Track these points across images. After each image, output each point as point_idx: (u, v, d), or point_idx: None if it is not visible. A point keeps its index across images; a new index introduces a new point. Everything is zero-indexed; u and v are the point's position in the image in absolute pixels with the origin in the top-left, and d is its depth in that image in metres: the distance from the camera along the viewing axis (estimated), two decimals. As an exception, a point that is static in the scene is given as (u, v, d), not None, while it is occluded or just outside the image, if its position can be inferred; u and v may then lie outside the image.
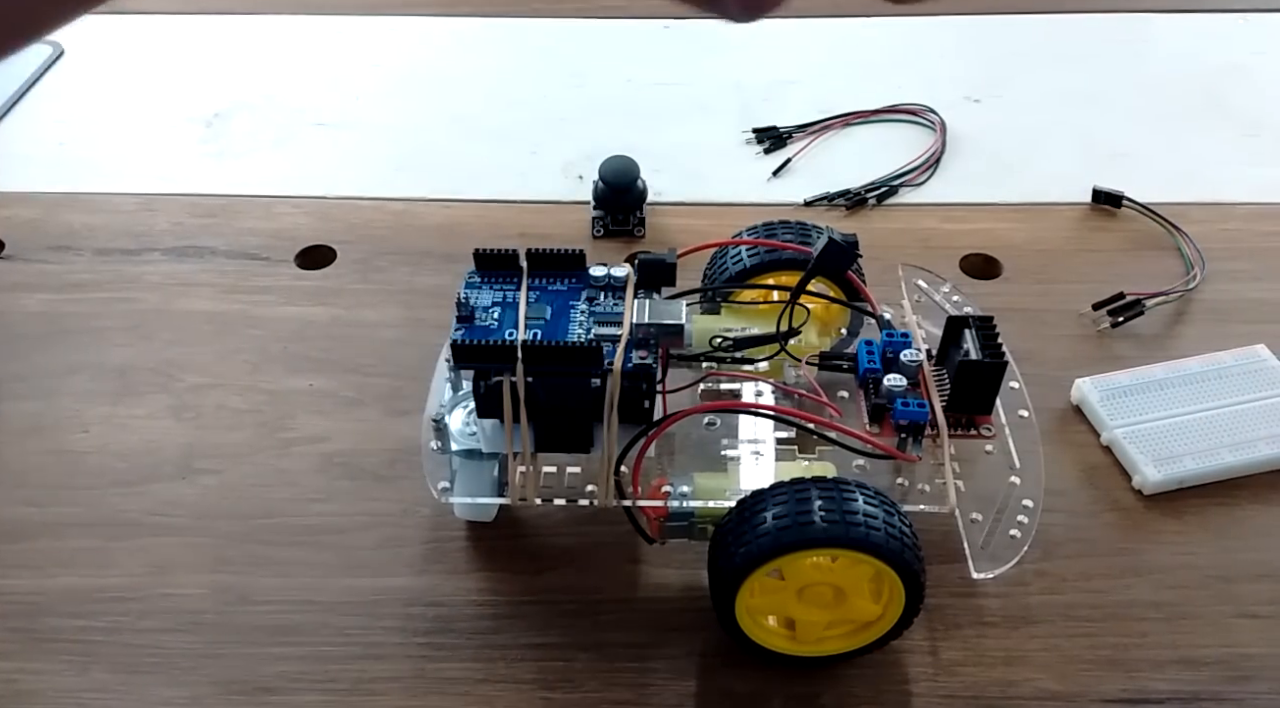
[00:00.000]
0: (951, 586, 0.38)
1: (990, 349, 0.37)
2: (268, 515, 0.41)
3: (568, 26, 0.71)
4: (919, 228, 0.54)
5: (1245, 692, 0.35)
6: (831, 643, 0.35)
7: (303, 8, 0.72)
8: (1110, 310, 0.49)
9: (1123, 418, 0.43)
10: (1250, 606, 0.38)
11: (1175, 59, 0.67)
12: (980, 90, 0.64)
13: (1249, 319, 0.49)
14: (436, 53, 0.69)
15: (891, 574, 0.33)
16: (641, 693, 0.36)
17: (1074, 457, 0.43)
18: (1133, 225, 0.55)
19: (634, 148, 0.55)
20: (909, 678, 0.36)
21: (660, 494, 0.36)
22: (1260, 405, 0.43)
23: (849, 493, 0.33)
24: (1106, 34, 0.69)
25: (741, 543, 0.33)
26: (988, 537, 0.37)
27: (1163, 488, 0.41)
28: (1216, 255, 0.52)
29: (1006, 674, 0.36)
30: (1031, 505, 0.37)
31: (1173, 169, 0.58)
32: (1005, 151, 0.60)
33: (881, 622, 0.34)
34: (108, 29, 0.70)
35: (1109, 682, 0.36)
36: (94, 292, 0.51)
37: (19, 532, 0.41)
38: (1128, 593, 0.38)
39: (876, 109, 0.62)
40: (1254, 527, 0.40)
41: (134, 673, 0.37)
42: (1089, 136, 0.60)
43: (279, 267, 0.53)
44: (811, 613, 0.34)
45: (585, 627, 0.37)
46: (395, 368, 0.47)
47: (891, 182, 0.57)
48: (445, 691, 0.36)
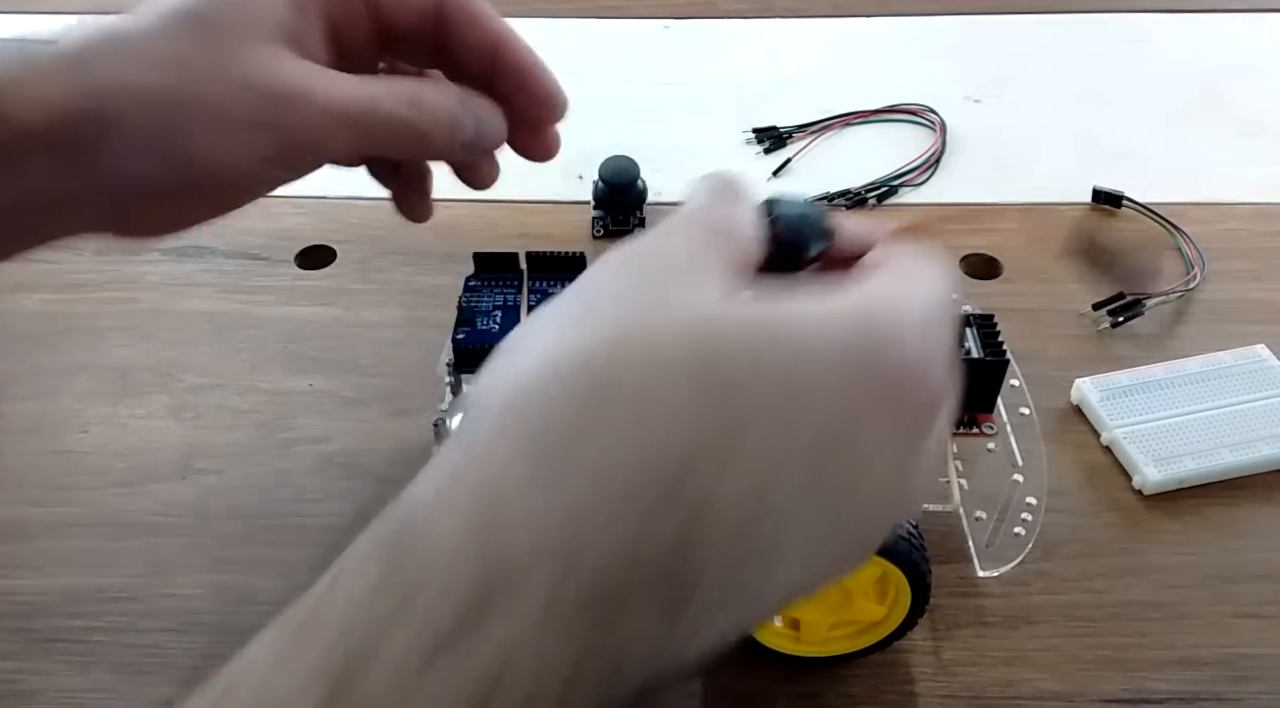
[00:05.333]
0: (952, 585, 0.38)
1: (991, 347, 0.37)
2: (268, 516, 0.41)
3: (568, 26, 0.71)
4: (919, 228, 0.54)
5: (1245, 692, 0.35)
6: (836, 644, 0.35)
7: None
8: (1110, 310, 0.49)
9: (1123, 418, 0.43)
10: (1250, 606, 0.38)
11: (1175, 59, 0.67)
12: (980, 90, 0.64)
13: (1249, 319, 0.49)
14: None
15: (899, 575, 0.33)
16: (641, 692, 0.35)
17: (1074, 457, 0.43)
18: (1133, 225, 0.55)
19: (634, 148, 0.55)
20: (909, 678, 0.36)
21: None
22: (1260, 405, 0.43)
23: None
24: (1107, 34, 0.69)
25: None
26: (992, 535, 0.37)
27: (1163, 488, 0.41)
28: (1216, 255, 0.52)
29: (1007, 674, 0.36)
30: (1035, 503, 0.37)
31: (1173, 169, 0.58)
32: (1005, 151, 0.60)
33: (886, 623, 0.34)
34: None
35: (1109, 682, 0.36)
36: (94, 292, 0.51)
37: (19, 532, 0.41)
38: (1128, 593, 0.38)
39: (876, 109, 0.62)
40: (1254, 527, 0.40)
41: (134, 673, 0.36)
42: (1089, 136, 0.60)
43: (279, 267, 0.53)
44: (817, 614, 0.34)
45: (586, 627, 0.37)
46: (395, 368, 0.47)
47: (892, 182, 0.57)
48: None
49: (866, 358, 0.20)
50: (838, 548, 0.22)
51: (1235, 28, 0.69)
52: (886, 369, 0.21)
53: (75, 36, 0.29)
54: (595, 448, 0.19)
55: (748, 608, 0.21)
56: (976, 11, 0.71)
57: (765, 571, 0.20)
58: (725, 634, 0.21)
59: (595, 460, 0.19)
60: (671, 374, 0.19)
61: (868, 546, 0.23)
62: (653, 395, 0.19)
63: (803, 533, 0.20)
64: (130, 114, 0.28)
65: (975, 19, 0.71)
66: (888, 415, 0.21)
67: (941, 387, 0.22)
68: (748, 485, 0.19)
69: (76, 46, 0.29)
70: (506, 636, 0.18)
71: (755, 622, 0.26)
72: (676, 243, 0.23)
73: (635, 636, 0.19)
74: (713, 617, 0.20)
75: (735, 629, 0.21)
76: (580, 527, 0.18)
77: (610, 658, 0.19)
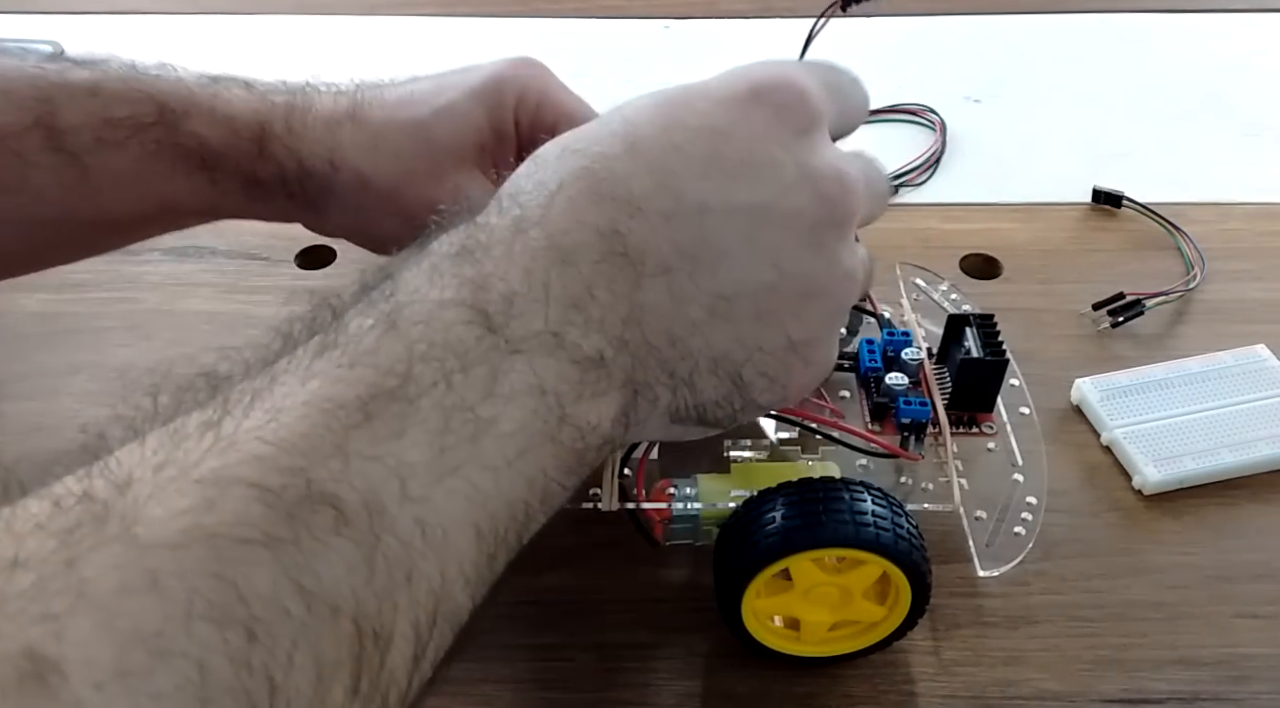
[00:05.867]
0: (951, 585, 0.38)
1: (991, 346, 0.37)
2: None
3: (568, 26, 0.71)
4: (919, 228, 0.54)
5: (1245, 692, 0.35)
6: (836, 644, 0.35)
7: (301, 8, 0.72)
8: (1110, 310, 0.48)
9: (1123, 418, 0.43)
10: (1250, 606, 0.38)
11: (1175, 58, 0.67)
12: (980, 90, 0.64)
13: (1249, 319, 0.48)
14: (436, 53, 0.69)
15: (899, 575, 0.33)
16: (642, 693, 0.36)
17: (1074, 457, 0.43)
18: (1133, 225, 0.55)
19: (634, 148, 0.55)
20: (909, 678, 0.36)
21: (665, 496, 0.36)
22: (1260, 405, 0.43)
23: (858, 494, 0.33)
24: (1107, 33, 0.69)
25: (750, 543, 0.33)
26: (992, 535, 0.37)
27: (1163, 488, 0.41)
28: (1216, 255, 0.52)
29: (1006, 674, 0.36)
30: (1035, 502, 0.37)
31: (1173, 169, 0.58)
32: (1005, 151, 0.60)
33: (886, 623, 0.34)
34: (104, 29, 0.69)
35: (1109, 682, 0.36)
36: (94, 291, 0.51)
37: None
38: (1127, 593, 0.38)
39: (876, 109, 0.62)
40: (1254, 527, 0.40)
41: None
42: (1089, 136, 0.60)
43: (279, 267, 0.53)
44: (817, 614, 0.34)
45: (585, 627, 0.37)
46: (395, 368, 0.47)
47: (891, 182, 0.57)
48: (444, 691, 0.36)
49: (741, 77, 0.29)
50: (774, 258, 0.28)
51: (1236, 27, 0.69)
52: (751, 82, 0.29)
53: (334, 107, 0.38)
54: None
55: (722, 339, 0.28)
56: (976, 11, 0.71)
57: (711, 271, 0.27)
58: (725, 388, 0.28)
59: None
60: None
61: (801, 254, 0.29)
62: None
63: (725, 226, 0.27)
64: (348, 187, 0.38)
65: (975, 19, 0.71)
66: (760, 114, 0.28)
67: (818, 100, 0.29)
68: (653, 184, 0.27)
69: (333, 117, 0.38)
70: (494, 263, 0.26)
71: (740, 371, 0.29)
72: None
73: (604, 292, 0.26)
74: (689, 347, 0.27)
75: (731, 380, 0.28)
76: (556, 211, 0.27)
77: (583, 312, 0.26)
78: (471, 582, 0.23)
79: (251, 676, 0.19)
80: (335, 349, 0.23)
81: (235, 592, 0.19)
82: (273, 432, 0.21)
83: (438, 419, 0.23)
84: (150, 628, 0.18)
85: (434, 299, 0.25)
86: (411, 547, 0.22)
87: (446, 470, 0.23)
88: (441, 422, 0.23)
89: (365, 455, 0.22)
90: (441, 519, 0.22)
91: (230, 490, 0.20)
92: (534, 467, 0.25)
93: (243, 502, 0.20)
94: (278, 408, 0.22)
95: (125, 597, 0.18)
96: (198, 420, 0.21)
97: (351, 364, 0.23)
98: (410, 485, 0.22)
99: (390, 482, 0.22)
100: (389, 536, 0.21)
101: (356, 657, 0.20)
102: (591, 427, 0.26)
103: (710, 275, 0.27)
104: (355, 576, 0.21)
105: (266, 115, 0.37)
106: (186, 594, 0.18)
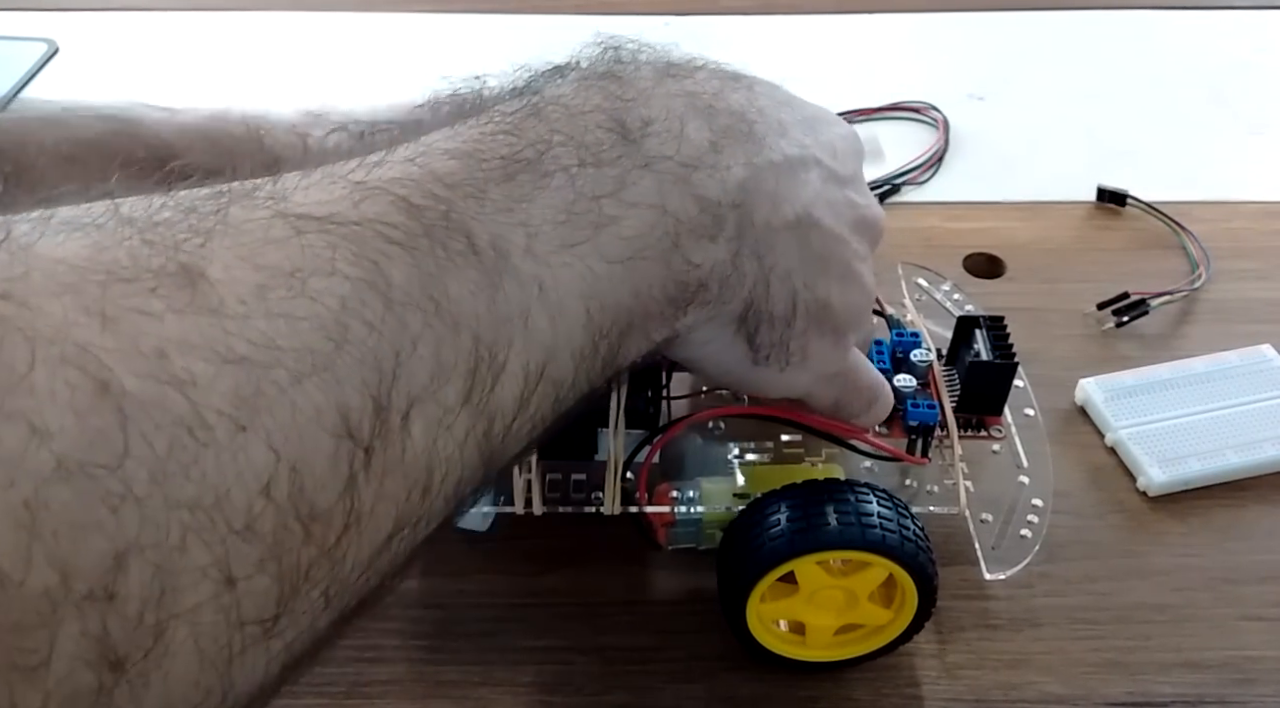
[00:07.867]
0: (955, 588, 0.37)
1: (1001, 349, 0.36)
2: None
3: (567, 23, 0.70)
4: (922, 226, 0.54)
5: (1250, 695, 0.35)
6: (841, 648, 0.35)
7: (300, 5, 0.72)
8: (1115, 310, 0.48)
9: (1127, 419, 0.43)
10: (1255, 608, 0.38)
11: (1180, 56, 0.66)
12: (983, 88, 0.64)
13: (1255, 319, 0.48)
14: (434, 50, 0.69)
15: (906, 578, 0.32)
16: (642, 696, 0.35)
17: (1078, 458, 0.43)
18: (1137, 224, 0.54)
19: (635, 145, 0.55)
20: (913, 682, 0.36)
21: (668, 500, 0.35)
22: (1266, 406, 0.43)
23: (863, 495, 0.33)
24: (1111, 31, 0.69)
25: (754, 546, 0.32)
26: (998, 538, 0.37)
27: (1168, 490, 0.41)
28: (1222, 254, 0.51)
29: (1011, 677, 0.36)
30: (1041, 505, 0.37)
31: (1178, 167, 0.58)
32: (1008, 150, 0.59)
33: (893, 626, 0.34)
34: (102, 25, 0.69)
35: (1113, 685, 0.35)
36: (91, 290, 0.51)
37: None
38: (1132, 595, 0.38)
39: (878, 107, 0.62)
40: (1259, 529, 0.40)
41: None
42: (1093, 134, 0.60)
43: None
44: (822, 618, 0.34)
45: (586, 630, 0.37)
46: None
47: (894, 180, 0.56)
48: (444, 694, 0.35)
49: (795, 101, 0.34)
50: (846, 224, 0.31)
51: (1242, 25, 0.69)
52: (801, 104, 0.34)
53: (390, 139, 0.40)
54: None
55: (792, 256, 0.29)
56: (979, 8, 0.70)
57: (798, 190, 0.30)
58: (785, 306, 0.29)
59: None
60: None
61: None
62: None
63: (809, 172, 0.31)
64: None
65: (978, 15, 0.70)
66: (788, 112, 0.32)
67: (848, 129, 0.36)
68: (770, 105, 0.31)
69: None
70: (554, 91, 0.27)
71: (796, 298, 0.30)
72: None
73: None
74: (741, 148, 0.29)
75: (790, 300, 0.29)
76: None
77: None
78: (576, 358, 0.24)
79: (380, 340, 0.20)
80: (482, 119, 0.25)
81: (376, 269, 0.20)
82: (423, 162, 0.23)
83: (566, 197, 0.24)
84: (289, 266, 0.19)
85: (577, 103, 0.26)
86: (529, 295, 0.23)
87: (567, 244, 0.24)
88: (569, 201, 0.24)
89: (499, 206, 0.23)
90: (557, 285, 0.24)
91: (377, 195, 0.21)
92: (642, 278, 0.26)
93: (388, 206, 0.21)
94: (427, 150, 0.24)
95: (269, 243, 0.19)
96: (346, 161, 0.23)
97: (495, 133, 0.25)
98: (534, 244, 0.23)
99: (517, 233, 0.23)
100: (511, 279, 0.23)
101: (471, 371, 0.22)
102: (695, 265, 0.27)
103: (798, 194, 0.30)
104: (478, 300, 0.22)
105: None
106: (329, 252, 0.20)
